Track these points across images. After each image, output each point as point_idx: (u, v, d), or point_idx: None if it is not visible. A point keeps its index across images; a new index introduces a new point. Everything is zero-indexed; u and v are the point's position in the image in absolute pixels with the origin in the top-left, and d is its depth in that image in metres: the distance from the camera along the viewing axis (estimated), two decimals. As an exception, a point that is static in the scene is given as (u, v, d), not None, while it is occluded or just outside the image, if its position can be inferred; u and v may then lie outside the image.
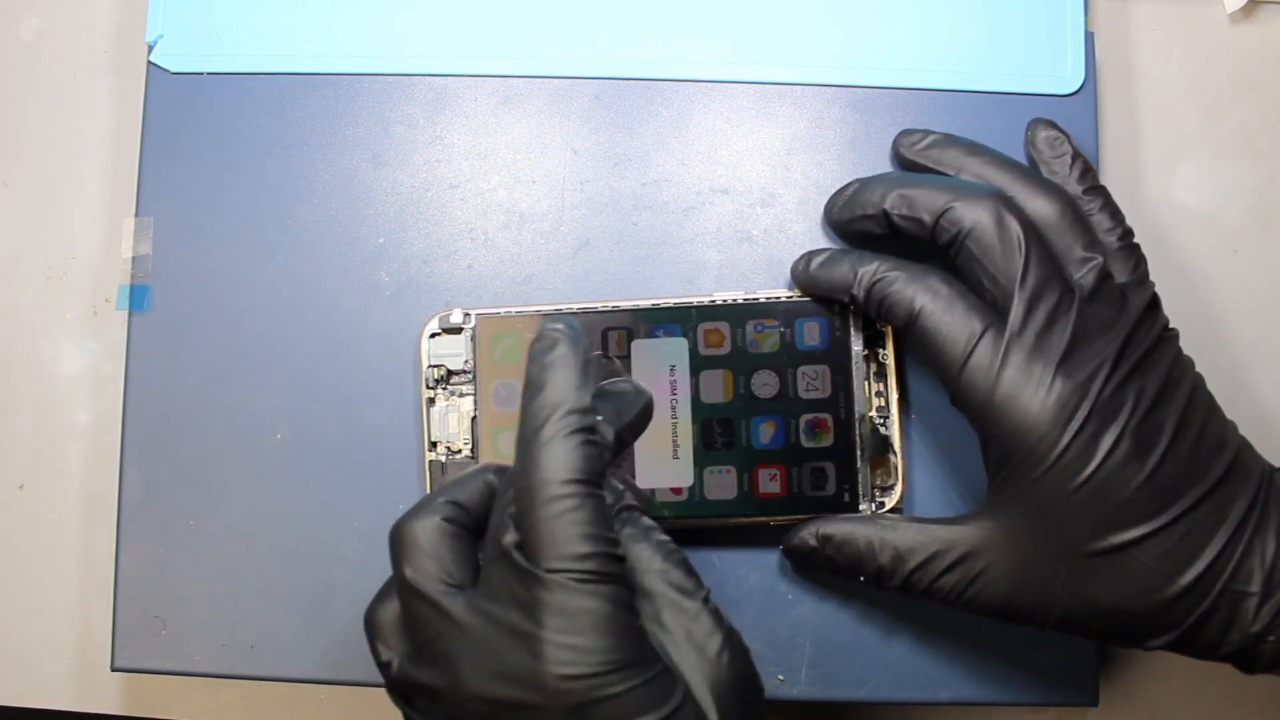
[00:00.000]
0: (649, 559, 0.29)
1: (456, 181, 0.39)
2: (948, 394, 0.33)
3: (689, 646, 0.29)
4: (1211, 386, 0.34)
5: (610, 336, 0.36)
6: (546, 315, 0.30)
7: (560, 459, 0.27)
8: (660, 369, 0.36)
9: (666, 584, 0.29)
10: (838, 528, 0.35)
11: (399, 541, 0.30)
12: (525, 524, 0.27)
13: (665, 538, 0.30)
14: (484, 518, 0.30)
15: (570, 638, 0.27)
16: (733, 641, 0.29)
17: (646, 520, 0.30)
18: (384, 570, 0.37)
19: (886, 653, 0.37)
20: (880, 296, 0.34)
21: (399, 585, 0.29)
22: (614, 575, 0.27)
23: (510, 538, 0.28)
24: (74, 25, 0.43)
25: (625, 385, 0.33)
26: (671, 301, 0.36)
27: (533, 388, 0.29)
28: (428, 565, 0.29)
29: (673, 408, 0.36)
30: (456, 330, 0.37)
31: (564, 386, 0.28)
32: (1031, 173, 0.35)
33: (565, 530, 0.27)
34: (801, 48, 0.39)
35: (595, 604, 0.27)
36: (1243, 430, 0.34)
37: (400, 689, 0.30)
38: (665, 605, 0.29)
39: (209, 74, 0.39)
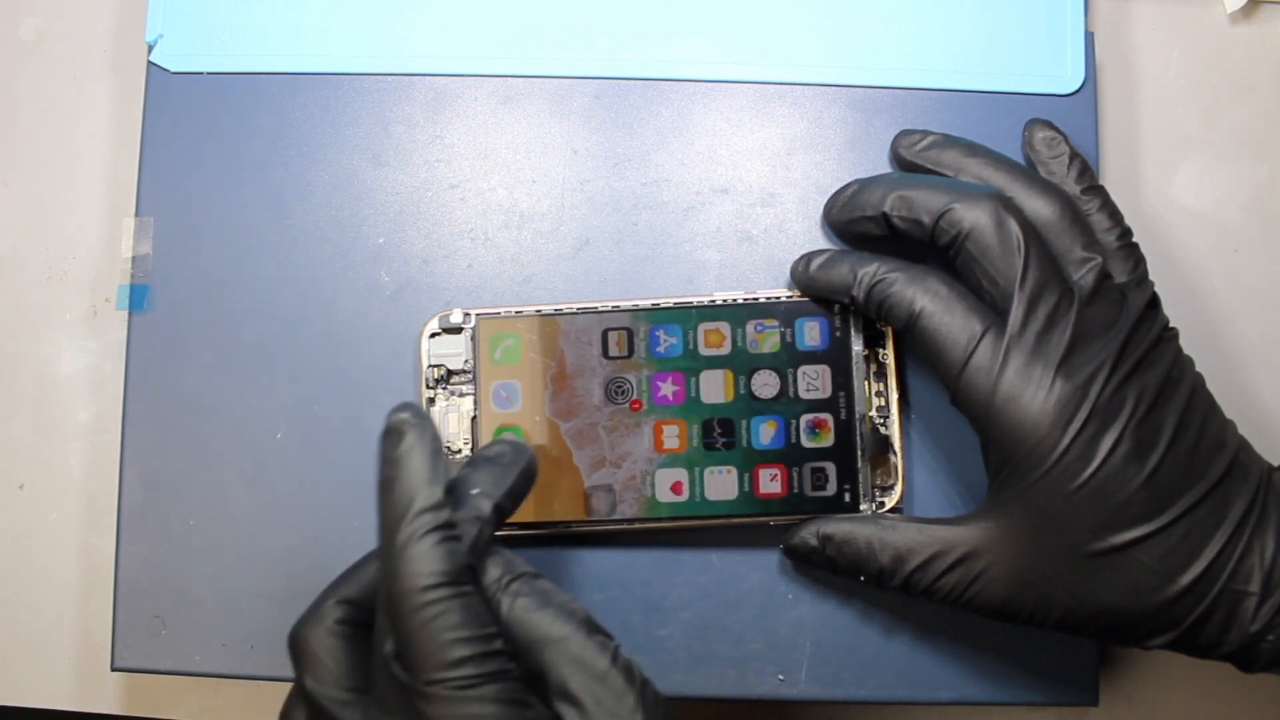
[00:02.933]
0: (548, 627, 0.28)
1: (456, 181, 0.39)
2: (948, 395, 0.33)
3: (600, 714, 0.27)
4: (1211, 386, 0.34)
5: (610, 336, 0.36)
6: (393, 408, 0.29)
7: (417, 564, 0.27)
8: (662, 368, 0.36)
9: (570, 652, 0.28)
10: (838, 528, 0.35)
11: (295, 651, 0.29)
12: (398, 634, 0.27)
13: (565, 598, 0.29)
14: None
15: None
16: (646, 698, 0.28)
17: (542, 584, 0.29)
18: (384, 570, 0.37)
19: (886, 653, 0.37)
20: (880, 298, 0.34)
21: (302, 697, 0.29)
22: (495, 674, 0.27)
23: (389, 647, 0.27)
24: (74, 25, 0.43)
25: (501, 448, 0.32)
26: (671, 301, 0.36)
27: (383, 489, 0.28)
28: (325, 675, 0.29)
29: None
30: (456, 330, 0.37)
31: (413, 484, 0.28)
32: (1030, 173, 0.35)
33: (436, 638, 0.26)
34: (801, 48, 0.39)
35: (480, 709, 0.26)
36: (1243, 430, 0.34)
37: None
38: (571, 675, 0.28)
39: (209, 74, 0.39)
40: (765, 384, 0.36)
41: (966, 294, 0.33)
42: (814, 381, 0.36)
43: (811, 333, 0.36)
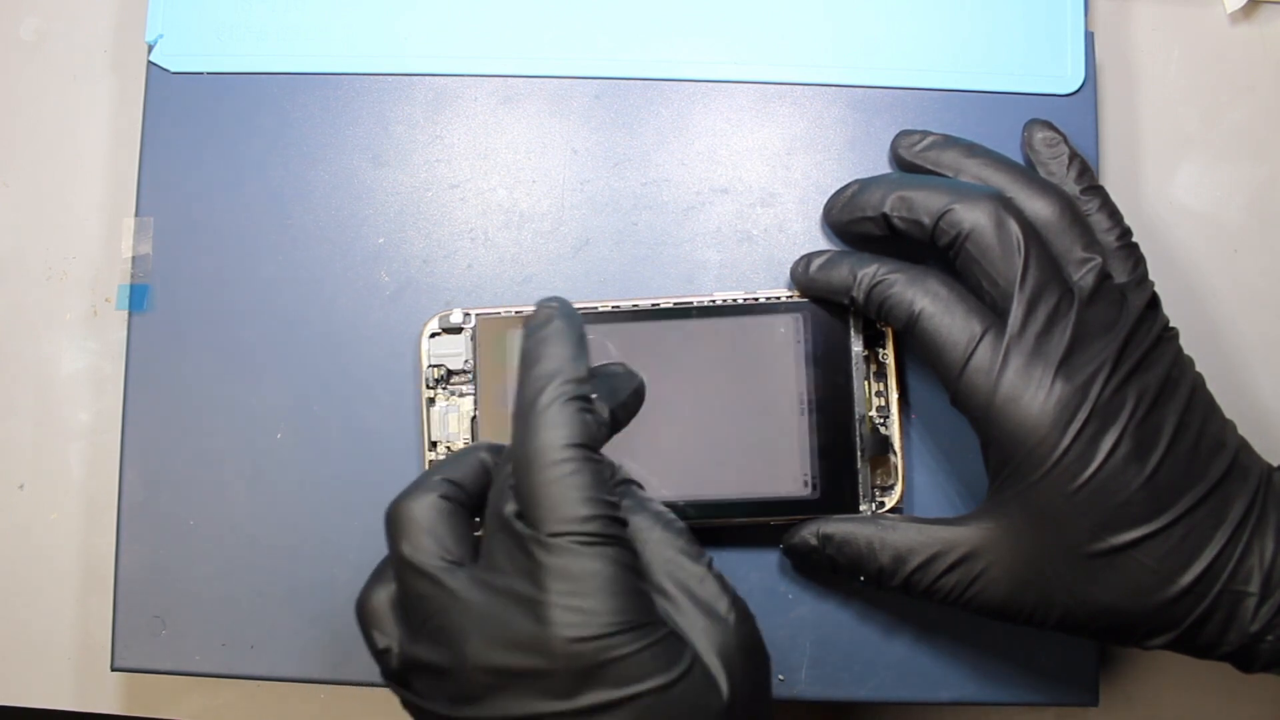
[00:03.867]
0: (649, 528, 0.29)
1: (456, 181, 0.39)
2: (948, 396, 0.33)
3: (695, 611, 0.28)
4: (1211, 386, 0.34)
5: (611, 336, 0.36)
6: (543, 299, 0.30)
7: (558, 425, 0.27)
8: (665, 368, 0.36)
9: (670, 550, 0.29)
10: (838, 528, 0.35)
11: (396, 520, 0.29)
12: (525, 491, 0.27)
13: (663, 508, 0.30)
14: (480, 495, 0.30)
15: (576, 600, 0.26)
16: (739, 605, 0.29)
17: (643, 492, 0.30)
18: (384, 570, 0.37)
19: (886, 653, 0.37)
20: (880, 299, 0.34)
21: (397, 564, 0.29)
22: (616, 537, 0.27)
23: (510, 508, 0.28)
24: (74, 25, 0.43)
25: (618, 368, 0.32)
26: (671, 301, 0.36)
27: (528, 360, 0.29)
28: (426, 542, 0.28)
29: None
30: (456, 330, 0.37)
31: (559, 358, 0.28)
32: (1030, 174, 0.35)
33: (566, 494, 0.27)
34: (801, 48, 0.39)
35: (600, 565, 0.27)
36: (1242, 430, 0.34)
37: (400, 675, 0.29)
38: (669, 572, 0.29)
39: (209, 74, 0.39)
40: (765, 384, 0.36)
41: (966, 295, 0.33)
42: (814, 382, 0.36)
43: (811, 333, 0.36)
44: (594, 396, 0.29)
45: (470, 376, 0.37)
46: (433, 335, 0.37)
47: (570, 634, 0.26)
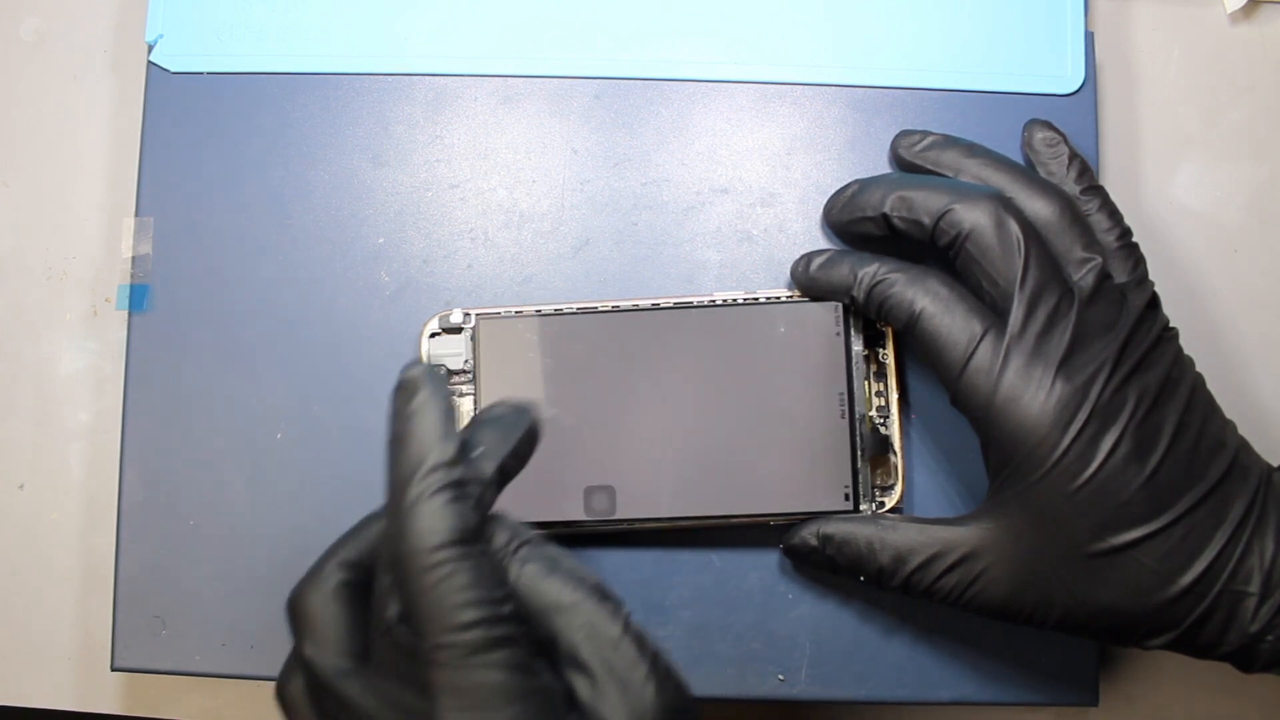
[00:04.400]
0: (558, 593, 0.27)
1: (456, 181, 0.39)
2: (948, 396, 0.33)
3: (610, 685, 0.26)
4: (1211, 386, 0.34)
5: (610, 337, 0.36)
6: (407, 364, 0.29)
7: (427, 524, 0.26)
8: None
9: (582, 616, 0.27)
10: (838, 528, 0.35)
11: (295, 615, 0.29)
12: (404, 596, 0.26)
13: (574, 564, 0.28)
14: None
15: (468, 714, 0.25)
16: (659, 668, 0.27)
17: (550, 550, 0.28)
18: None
19: (886, 653, 0.37)
20: (880, 299, 0.34)
21: (300, 660, 0.28)
22: (504, 639, 0.26)
23: (392, 611, 0.27)
24: (74, 25, 0.43)
25: (503, 409, 0.31)
26: (671, 301, 0.36)
27: (394, 444, 0.27)
28: (325, 640, 0.28)
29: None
30: (456, 330, 0.37)
31: (425, 439, 0.27)
32: (1030, 174, 0.35)
33: (444, 601, 0.25)
34: (801, 48, 0.39)
35: (489, 676, 0.25)
36: (1243, 430, 0.34)
37: None
38: (582, 642, 0.27)
39: (209, 74, 0.39)
40: (765, 383, 0.36)
41: (966, 295, 0.33)
42: (814, 382, 0.36)
43: (811, 333, 0.36)
44: (474, 457, 0.28)
45: (470, 376, 0.37)
46: (433, 335, 0.37)
47: None
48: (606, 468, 0.36)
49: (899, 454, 0.36)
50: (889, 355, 0.36)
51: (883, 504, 0.36)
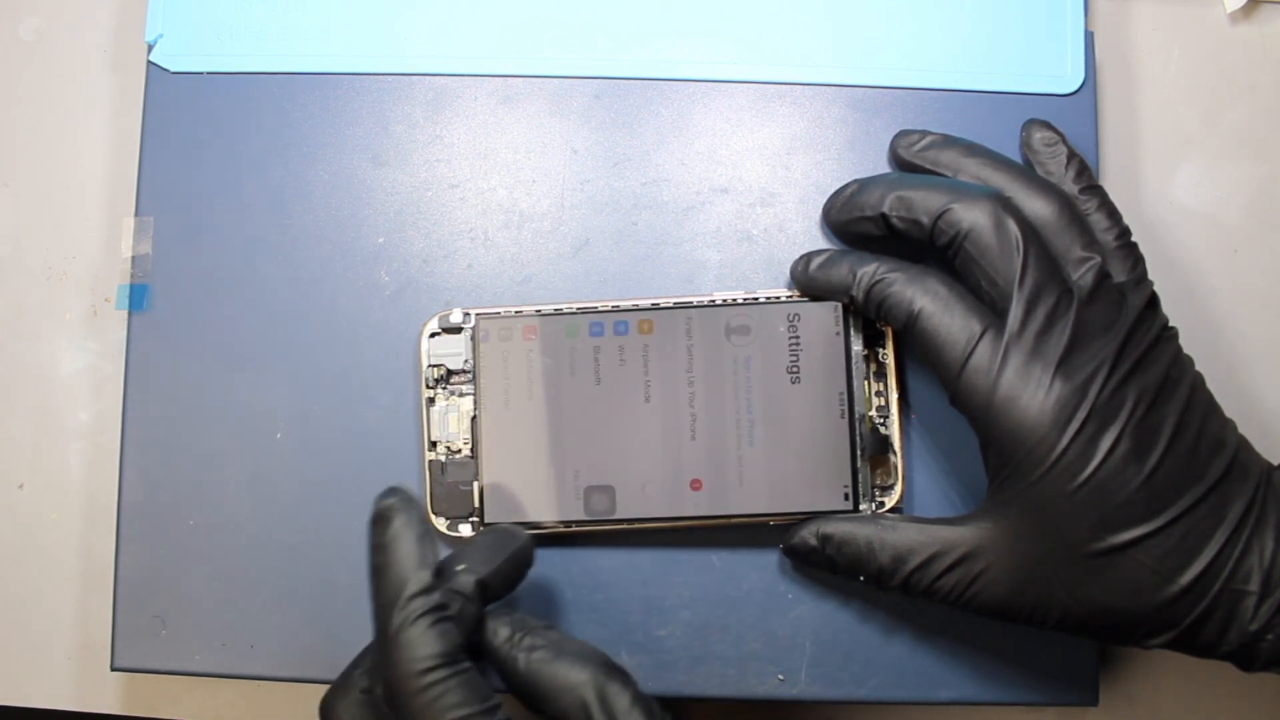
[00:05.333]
0: (565, 675, 0.29)
1: (456, 181, 0.39)
2: (947, 396, 0.33)
3: None
4: (1211, 386, 0.34)
5: (610, 337, 0.36)
6: (382, 491, 0.31)
7: (413, 649, 0.28)
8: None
9: (589, 695, 0.29)
10: (838, 527, 0.35)
11: None
12: (401, 717, 0.28)
13: (578, 644, 0.30)
14: None
15: None
16: None
17: (554, 634, 0.30)
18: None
19: (886, 653, 0.37)
20: (880, 298, 0.34)
21: None
22: None
23: None
24: (74, 25, 0.43)
25: (493, 535, 0.33)
26: (671, 301, 0.36)
27: (375, 574, 0.30)
28: None
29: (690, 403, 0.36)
30: (456, 330, 0.37)
31: (402, 569, 0.29)
32: (1029, 173, 0.35)
33: (439, 719, 0.27)
34: (801, 48, 0.39)
35: None
36: (1242, 429, 0.34)
37: None
38: (594, 716, 0.29)
39: (209, 74, 0.39)
40: (765, 383, 0.36)
41: (965, 294, 0.33)
42: (814, 382, 0.36)
43: (811, 333, 0.36)
44: (456, 573, 0.30)
45: (470, 376, 0.37)
46: (433, 335, 0.37)
47: None
48: (606, 468, 0.36)
49: (899, 454, 0.36)
50: (889, 355, 0.36)
51: (882, 504, 0.36)
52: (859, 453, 0.36)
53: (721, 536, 0.37)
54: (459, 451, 0.37)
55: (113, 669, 0.37)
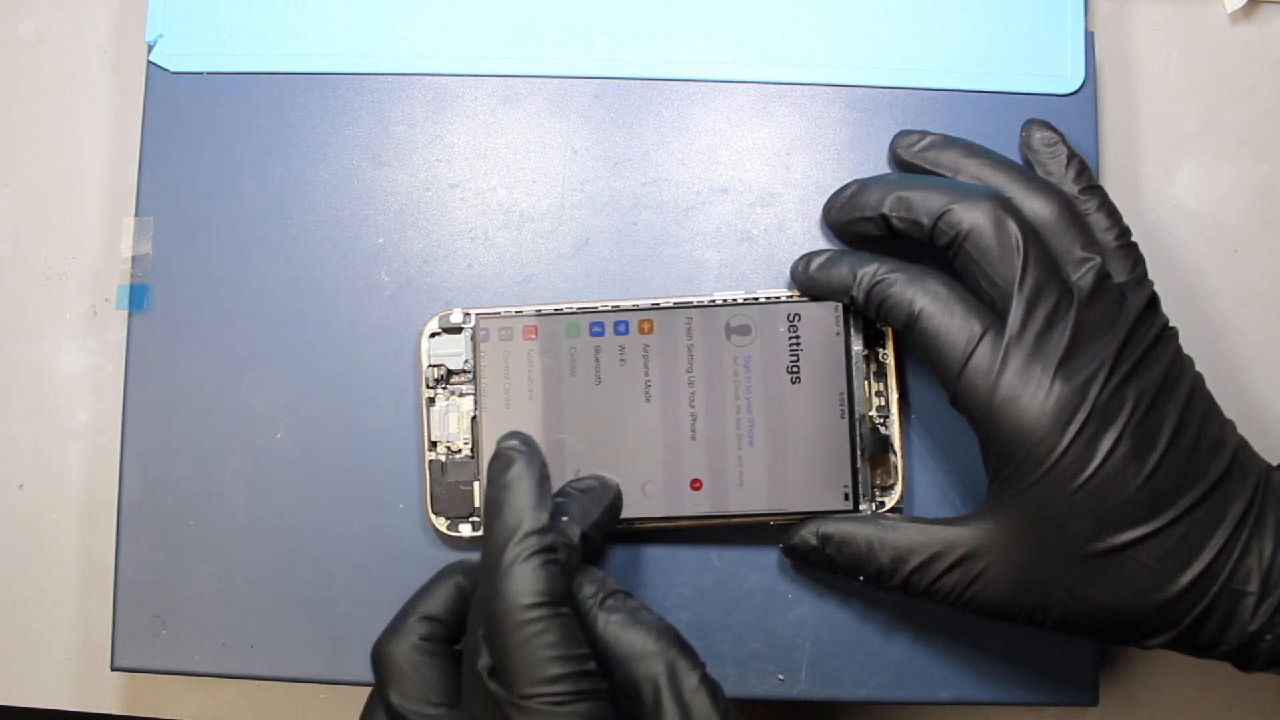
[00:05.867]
0: (641, 643, 0.29)
1: (456, 181, 0.39)
2: (947, 396, 0.33)
3: None
4: (1211, 386, 0.34)
5: (610, 336, 0.36)
6: (503, 435, 0.31)
7: (522, 583, 0.28)
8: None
9: (661, 667, 0.29)
10: (838, 527, 0.35)
11: (380, 666, 0.31)
12: (496, 650, 0.28)
13: (654, 616, 0.30)
14: (459, 624, 0.31)
15: None
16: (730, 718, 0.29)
17: (633, 602, 0.31)
18: (384, 569, 0.37)
19: (886, 653, 0.37)
20: (880, 298, 0.34)
21: (385, 709, 0.30)
22: (588, 692, 0.28)
23: (484, 662, 0.28)
24: (74, 25, 0.43)
25: (592, 483, 0.34)
26: (671, 301, 0.36)
27: (491, 510, 0.30)
28: (410, 689, 0.30)
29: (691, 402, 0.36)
30: (456, 330, 0.37)
31: (521, 507, 0.29)
32: (1029, 173, 0.35)
33: (535, 655, 0.28)
34: (801, 48, 0.39)
35: None
36: (1242, 430, 0.34)
37: None
38: (660, 692, 0.29)
39: (209, 74, 0.39)
40: (765, 383, 0.36)
41: (966, 295, 0.33)
42: (814, 382, 0.36)
43: (811, 333, 0.36)
44: (564, 521, 0.31)
45: (470, 376, 0.37)
46: (433, 335, 0.37)
47: None
48: (607, 467, 0.36)
49: (899, 454, 0.36)
50: (889, 355, 0.36)
51: (883, 504, 0.36)
52: (859, 453, 0.36)
53: (721, 536, 0.37)
54: (459, 451, 0.37)
55: (113, 669, 0.37)
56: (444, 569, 0.32)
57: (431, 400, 0.37)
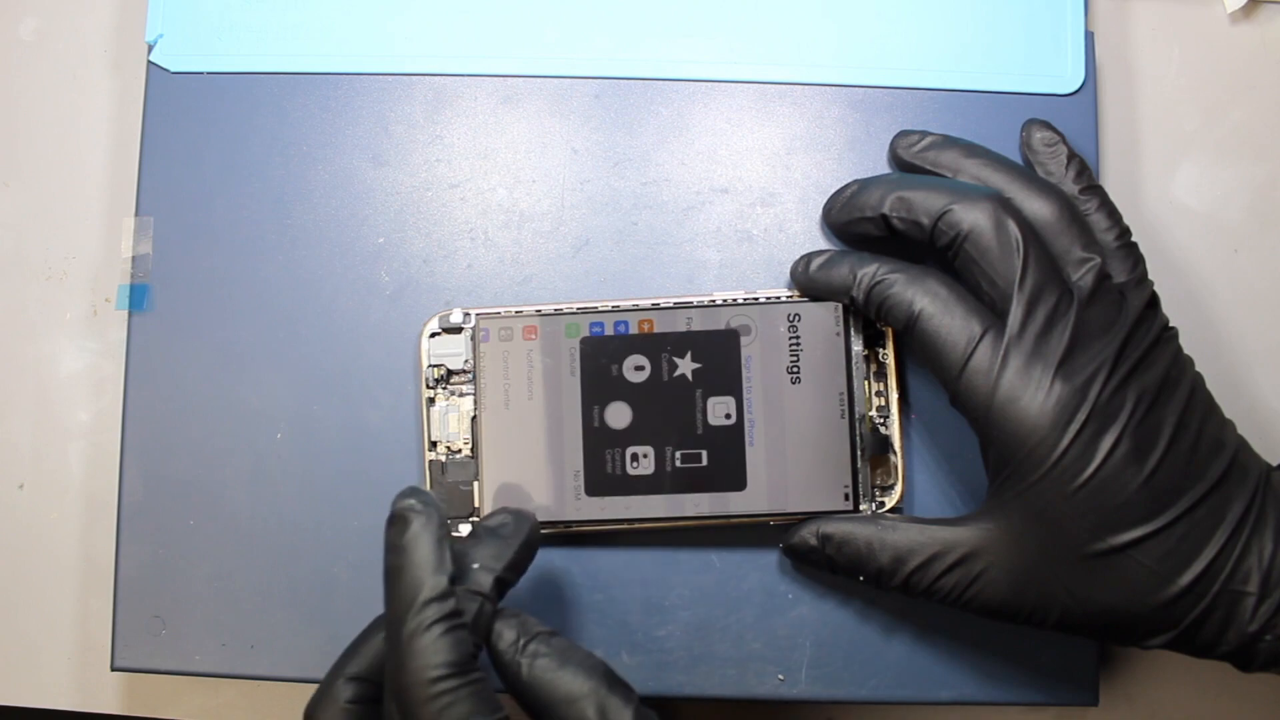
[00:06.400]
0: (568, 685, 0.29)
1: (456, 181, 0.39)
2: (947, 396, 0.33)
3: None
4: (1211, 386, 0.34)
5: (611, 336, 0.36)
6: (399, 494, 0.30)
7: (425, 656, 0.28)
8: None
9: (593, 708, 0.29)
10: (837, 527, 0.35)
11: None
12: None
13: (582, 654, 0.30)
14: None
15: None
16: None
17: (559, 641, 0.30)
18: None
19: (886, 653, 0.37)
20: (880, 299, 0.34)
21: None
22: None
23: None
24: (74, 25, 0.43)
25: (503, 518, 0.32)
26: (671, 301, 0.36)
27: (390, 577, 0.29)
28: None
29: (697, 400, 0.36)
30: (456, 330, 0.37)
31: (417, 575, 0.29)
32: (1029, 174, 0.35)
33: None
34: (801, 48, 0.39)
35: None
36: (1242, 430, 0.34)
37: None
38: None
39: (209, 74, 0.39)
40: (765, 383, 0.36)
41: (966, 295, 0.33)
42: (814, 382, 0.36)
43: (811, 333, 0.36)
44: (473, 572, 0.30)
45: (470, 376, 0.37)
46: (433, 335, 0.37)
47: None
48: (606, 468, 0.36)
49: (899, 454, 0.36)
50: (889, 355, 0.36)
51: (883, 504, 0.36)
52: (859, 453, 0.36)
53: (721, 536, 0.37)
54: (459, 451, 0.37)
55: (113, 669, 0.37)
56: (371, 624, 0.32)
57: (431, 400, 0.37)
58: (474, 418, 0.37)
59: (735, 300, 0.36)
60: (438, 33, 0.39)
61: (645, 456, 0.36)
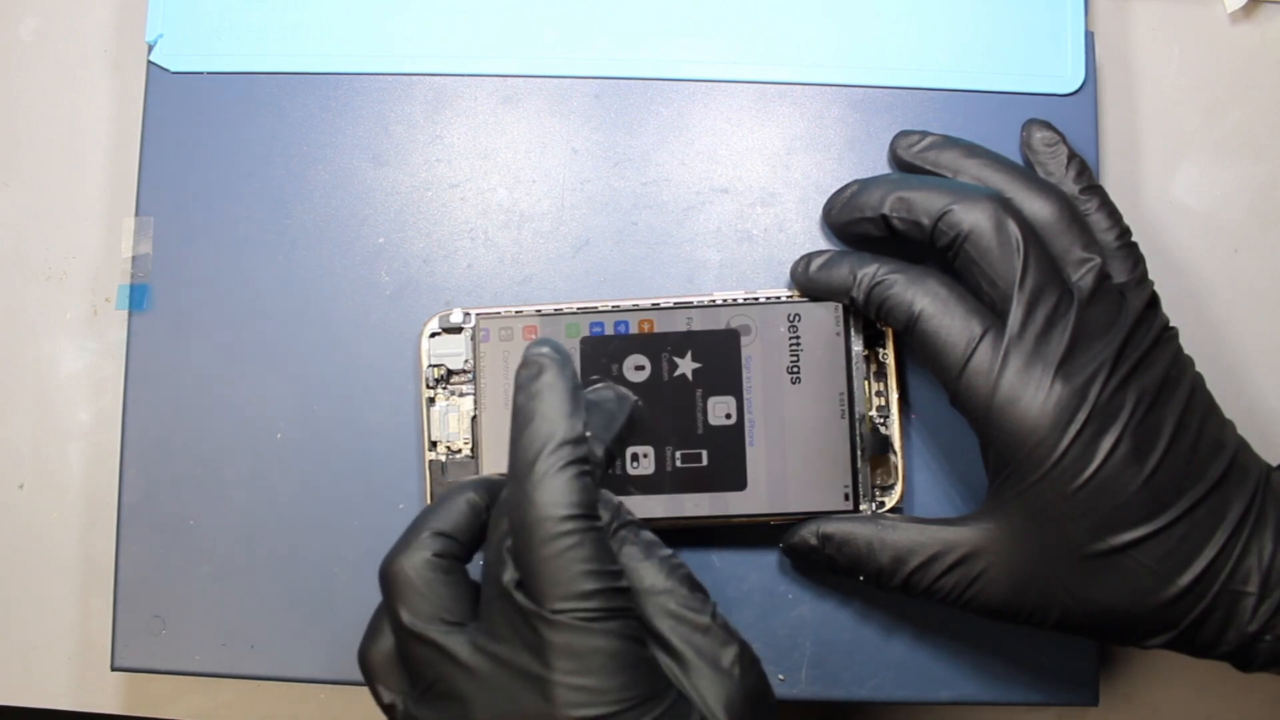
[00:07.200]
0: (653, 578, 0.29)
1: (456, 181, 0.39)
2: (947, 397, 0.33)
3: (701, 665, 0.28)
4: (1211, 386, 0.34)
5: (611, 336, 0.36)
6: (532, 341, 0.30)
7: (556, 494, 0.27)
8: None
9: (674, 603, 0.29)
10: (837, 527, 0.35)
11: (391, 582, 0.29)
12: (525, 562, 0.27)
13: (667, 552, 0.30)
14: (472, 542, 0.30)
15: (581, 679, 0.26)
16: (744, 655, 0.29)
17: (647, 534, 0.30)
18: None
19: (886, 652, 0.37)
20: (880, 299, 0.34)
21: (395, 628, 0.29)
22: (620, 610, 0.27)
23: (510, 575, 0.27)
24: (74, 25, 0.43)
25: (608, 393, 0.32)
26: (671, 301, 0.36)
27: (521, 418, 0.28)
28: (424, 606, 0.29)
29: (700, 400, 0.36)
30: (456, 330, 0.37)
31: (554, 416, 0.28)
32: (1029, 174, 0.35)
33: (568, 569, 0.27)
34: (801, 48, 0.39)
35: (604, 642, 0.27)
36: (1242, 430, 0.34)
37: None
38: (673, 625, 0.28)
39: (209, 74, 0.39)
40: (765, 383, 0.36)
41: (966, 295, 0.33)
42: (814, 382, 0.36)
43: (811, 333, 0.36)
44: (589, 438, 0.29)
45: (470, 376, 0.37)
46: (433, 335, 0.37)
47: (576, 714, 0.26)
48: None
49: (899, 454, 0.36)
50: (889, 355, 0.36)
51: (883, 504, 0.36)
52: (859, 453, 0.36)
53: (721, 536, 0.37)
54: (459, 451, 0.37)
55: (113, 669, 0.37)
56: (456, 485, 0.31)
57: (431, 400, 0.37)
58: (474, 418, 0.37)
59: (735, 300, 0.36)
60: (438, 33, 0.39)
61: (645, 456, 0.36)
